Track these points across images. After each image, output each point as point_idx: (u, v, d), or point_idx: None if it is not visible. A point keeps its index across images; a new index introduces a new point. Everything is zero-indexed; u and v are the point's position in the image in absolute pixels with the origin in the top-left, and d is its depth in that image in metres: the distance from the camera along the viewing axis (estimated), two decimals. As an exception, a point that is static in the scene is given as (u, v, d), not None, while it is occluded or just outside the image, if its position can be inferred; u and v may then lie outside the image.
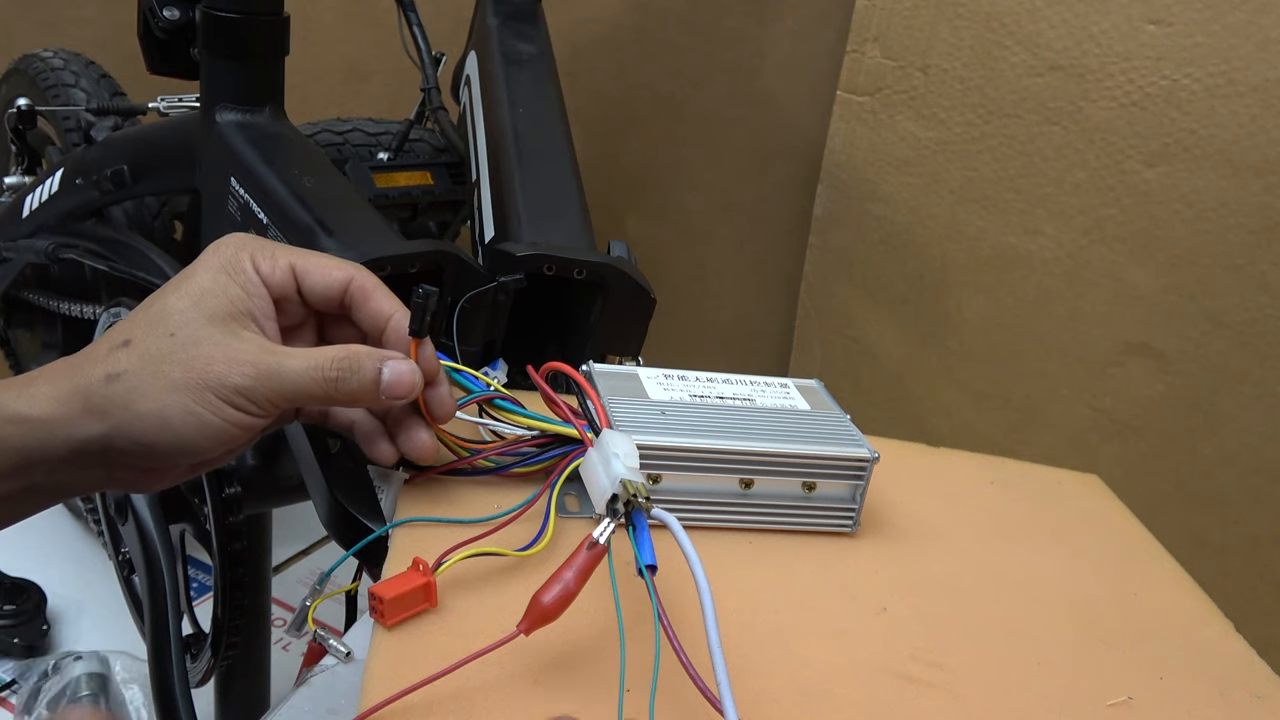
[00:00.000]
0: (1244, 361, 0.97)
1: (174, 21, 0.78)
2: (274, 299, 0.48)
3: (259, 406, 0.45)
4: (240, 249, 0.48)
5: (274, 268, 0.48)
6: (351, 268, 0.49)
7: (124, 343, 0.45)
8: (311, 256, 0.49)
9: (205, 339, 0.45)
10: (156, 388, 0.44)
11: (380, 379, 0.46)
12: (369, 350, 0.47)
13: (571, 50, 1.30)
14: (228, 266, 0.47)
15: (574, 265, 0.62)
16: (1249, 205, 0.94)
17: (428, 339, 0.48)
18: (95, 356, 0.45)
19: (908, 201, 1.13)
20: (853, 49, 1.12)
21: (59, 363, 0.45)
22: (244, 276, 0.47)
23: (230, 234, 0.49)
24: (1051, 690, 0.47)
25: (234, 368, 0.44)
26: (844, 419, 0.56)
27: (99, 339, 0.47)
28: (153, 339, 0.45)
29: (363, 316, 0.49)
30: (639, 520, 0.41)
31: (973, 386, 1.14)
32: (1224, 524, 1.02)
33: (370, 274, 0.49)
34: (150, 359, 0.44)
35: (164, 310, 0.46)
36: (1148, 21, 0.95)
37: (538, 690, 0.41)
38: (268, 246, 0.48)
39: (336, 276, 0.49)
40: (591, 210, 0.76)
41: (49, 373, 0.45)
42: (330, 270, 0.49)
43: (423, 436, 0.49)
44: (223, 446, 0.46)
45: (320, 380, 0.45)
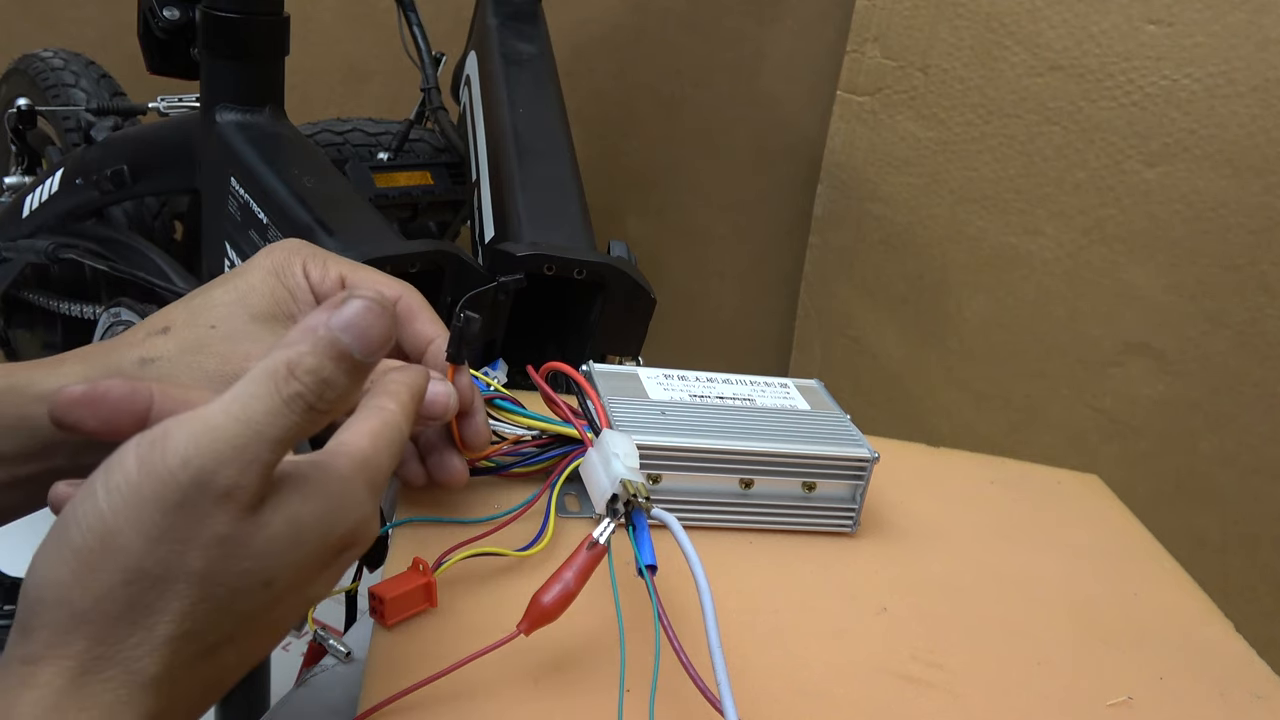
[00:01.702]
0: (1244, 361, 0.97)
1: (174, 21, 0.78)
2: (318, 302, 0.47)
3: None
4: (293, 253, 0.47)
5: (324, 276, 0.47)
6: (401, 287, 0.48)
7: (162, 330, 0.44)
8: (363, 270, 0.48)
9: (245, 335, 0.44)
10: (190, 377, 0.43)
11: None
12: (405, 367, 0.46)
13: (571, 50, 1.30)
14: (278, 269, 0.46)
15: (574, 265, 0.62)
16: (1249, 205, 0.94)
17: (465, 365, 0.47)
18: (132, 341, 0.44)
19: (908, 201, 1.13)
20: (853, 49, 1.12)
21: (93, 346, 0.45)
22: (293, 280, 0.46)
23: (286, 239, 0.48)
24: (1051, 690, 0.47)
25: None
26: (844, 419, 0.56)
27: (137, 325, 0.46)
28: (192, 329, 0.44)
29: (405, 337, 0.49)
30: (639, 520, 0.41)
31: (973, 386, 1.14)
32: (1224, 524, 1.02)
33: (418, 295, 0.49)
34: (187, 348, 0.44)
35: (207, 302, 0.45)
36: (1148, 21, 0.95)
37: (538, 690, 0.40)
38: (320, 254, 0.48)
39: (385, 294, 0.46)
40: (591, 210, 0.76)
41: (82, 353, 0.44)
42: (379, 287, 0.48)
43: (455, 463, 0.48)
44: None
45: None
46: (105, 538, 0.31)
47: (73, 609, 0.31)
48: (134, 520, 0.31)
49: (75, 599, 0.31)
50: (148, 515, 0.31)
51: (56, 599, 0.31)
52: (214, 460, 0.31)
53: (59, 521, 0.32)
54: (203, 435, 0.31)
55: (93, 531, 0.31)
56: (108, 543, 0.31)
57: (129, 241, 0.96)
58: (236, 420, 0.32)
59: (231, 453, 0.31)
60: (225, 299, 0.45)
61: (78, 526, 0.31)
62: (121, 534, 0.31)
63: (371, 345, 0.34)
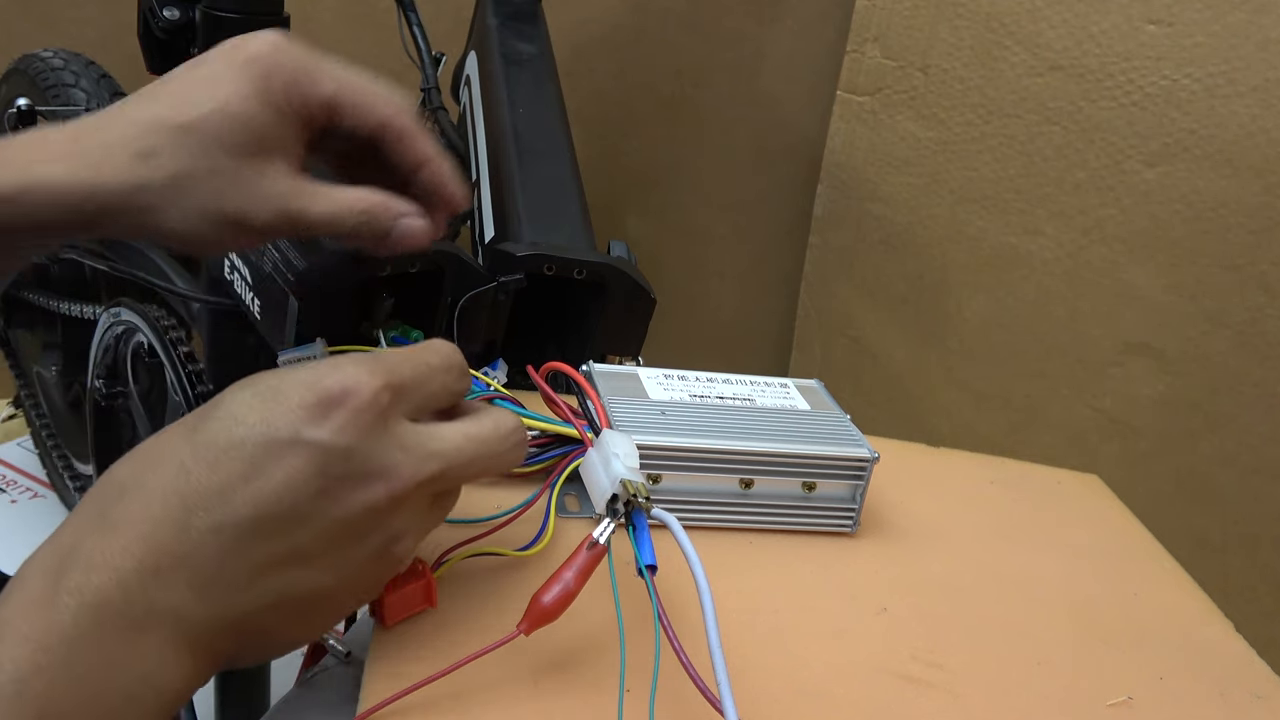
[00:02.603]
0: (1244, 361, 0.97)
1: (174, 21, 0.78)
2: (308, 127, 0.46)
3: (281, 234, 0.47)
4: (275, 69, 0.44)
5: (307, 100, 0.45)
6: (388, 107, 0.47)
7: (149, 153, 0.43)
8: (349, 90, 0.46)
9: (233, 173, 0.44)
10: (184, 210, 0.44)
11: (390, 235, 0.46)
12: (386, 204, 0.46)
13: (571, 50, 1.30)
14: (260, 91, 0.44)
15: (574, 265, 0.62)
16: (1249, 205, 0.94)
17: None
18: (118, 158, 0.43)
19: (908, 201, 1.13)
20: (853, 49, 1.12)
21: (70, 149, 0.43)
22: (276, 105, 0.44)
23: (263, 36, 0.45)
24: (1051, 690, 0.47)
25: (260, 209, 0.44)
26: (844, 419, 0.56)
27: (107, 126, 0.44)
28: (179, 159, 0.43)
29: (400, 157, 0.48)
30: (639, 520, 0.41)
31: (973, 386, 1.14)
32: (1224, 524, 1.02)
33: (409, 114, 0.48)
34: (176, 182, 0.43)
35: (191, 130, 0.43)
36: (1148, 21, 0.95)
37: (538, 690, 0.41)
38: (307, 69, 0.45)
39: (371, 118, 0.46)
40: (591, 210, 0.76)
41: (66, 159, 0.43)
42: (363, 113, 0.46)
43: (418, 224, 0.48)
44: (249, 247, 0.50)
45: (339, 230, 0.46)
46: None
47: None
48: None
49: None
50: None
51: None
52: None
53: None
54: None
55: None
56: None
57: (129, 241, 0.96)
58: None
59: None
60: (209, 128, 0.43)
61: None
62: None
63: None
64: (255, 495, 0.34)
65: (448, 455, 0.38)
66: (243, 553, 0.34)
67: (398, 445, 0.36)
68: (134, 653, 0.33)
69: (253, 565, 0.35)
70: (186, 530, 0.34)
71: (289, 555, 0.35)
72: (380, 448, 0.36)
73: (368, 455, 0.35)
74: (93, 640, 0.32)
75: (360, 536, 0.36)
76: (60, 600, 0.32)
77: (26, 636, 0.32)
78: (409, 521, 0.38)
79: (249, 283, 0.71)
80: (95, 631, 0.32)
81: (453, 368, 0.40)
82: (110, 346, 0.96)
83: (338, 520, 0.35)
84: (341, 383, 0.35)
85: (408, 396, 0.37)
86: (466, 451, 0.38)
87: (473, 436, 0.39)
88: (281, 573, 0.35)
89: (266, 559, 0.35)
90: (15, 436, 1.50)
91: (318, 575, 0.36)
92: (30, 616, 0.32)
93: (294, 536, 0.35)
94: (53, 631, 0.32)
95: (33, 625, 0.32)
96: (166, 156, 0.43)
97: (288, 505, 0.34)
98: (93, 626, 0.32)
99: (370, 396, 0.35)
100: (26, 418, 1.36)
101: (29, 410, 1.34)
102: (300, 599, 0.36)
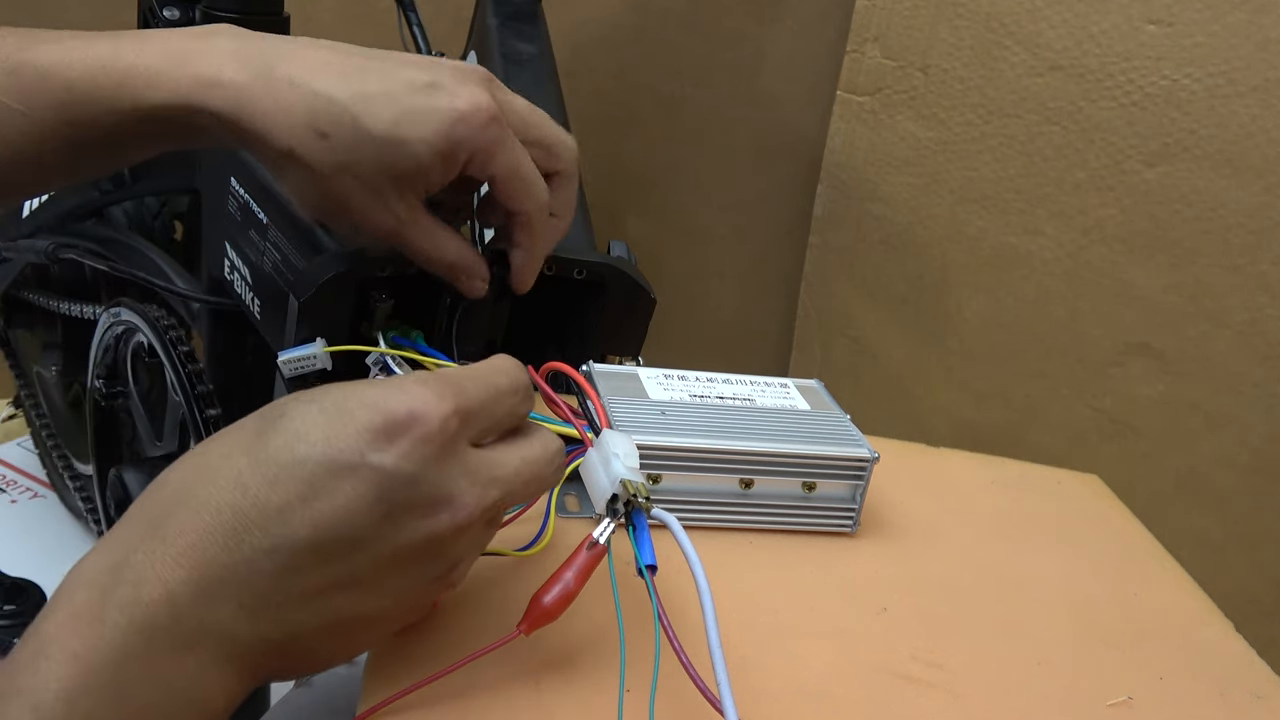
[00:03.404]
0: (1244, 361, 0.97)
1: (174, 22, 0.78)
2: (457, 185, 0.50)
3: (371, 238, 0.51)
4: (471, 143, 0.47)
5: (479, 172, 0.49)
6: (534, 205, 0.52)
7: (322, 134, 0.46)
8: (513, 179, 0.50)
9: (376, 190, 0.47)
10: (317, 189, 0.48)
11: (458, 284, 0.53)
12: (470, 270, 0.53)
13: (571, 50, 1.30)
14: (448, 152, 0.47)
15: (574, 265, 0.62)
16: (1249, 205, 0.94)
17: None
18: (294, 120, 0.46)
19: (908, 201, 1.13)
20: (853, 49, 1.12)
21: (255, 81, 0.46)
22: (452, 166, 0.48)
23: (480, 102, 0.47)
24: (1051, 690, 0.47)
25: (378, 225, 0.49)
26: (844, 419, 0.56)
27: (299, 87, 0.46)
28: (341, 154, 0.46)
29: (515, 239, 0.54)
30: (639, 520, 0.41)
31: (973, 386, 1.14)
32: (1224, 524, 1.02)
33: (542, 215, 0.53)
34: (327, 169, 0.46)
35: (367, 140, 0.46)
36: (1148, 21, 0.95)
37: (538, 690, 0.41)
38: (493, 150, 0.48)
39: (511, 208, 0.51)
40: (591, 210, 0.76)
41: (243, 97, 0.46)
42: (511, 202, 0.51)
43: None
44: (338, 231, 0.53)
45: (425, 265, 0.52)
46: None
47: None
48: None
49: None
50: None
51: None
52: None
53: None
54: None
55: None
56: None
57: (129, 241, 0.96)
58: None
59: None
60: (383, 151, 0.46)
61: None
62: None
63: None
64: (314, 517, 0.33)
65: (509, 481, 0.37)
66: (297, 574, 0.33)
67: (462, 473, 0.36)
68: (180, 670, 0.32)
69: (306, 587, 0.34)
70: (240, 547, 0.33)
71: (345, 579, 0.34)
72: (445, 476, 0.35)
73: (433, 483, 0.35)
74: (141, 659, 0.32)
75: (419, 563, 0.36)
76: (109, 616, 0.32)
77: (75, 654, 0.31)
78: (468, 548, 0.38)
79: (249, 283, 0.71)
80: (144, 650, 0.32)
81: (518, 390, 0.39)
82: (110, 346, 0.96)
83: (398, 547, 0.35)
84: (409, 406, 0.34)
85: (474, 422, 0.37)
86: (523, 475, 0.38)
87: (529, 460, 0.38)
88: (335, 595, 0.34)
89: (321, 582, 0.34)
90: (15, 436, 1.50)
91: (372, 599, 0.35)
92: (79, 632, 0.31)
93: (351, 561, 0.34)
94: (101, 650, 0.31)
95: (82, 642, 0.31)
96: (336, 145, 0.46)
97: (347, 530, 0.33)
98: (141, 645, 0.32)
99: (439, 424, 0.34)
100: (26, 418, 1.36)
101: (29, 410, 1.34)
102: (351, 621, 0.36)
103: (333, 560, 0.34)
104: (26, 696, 0.30)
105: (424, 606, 0.39)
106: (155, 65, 0.46)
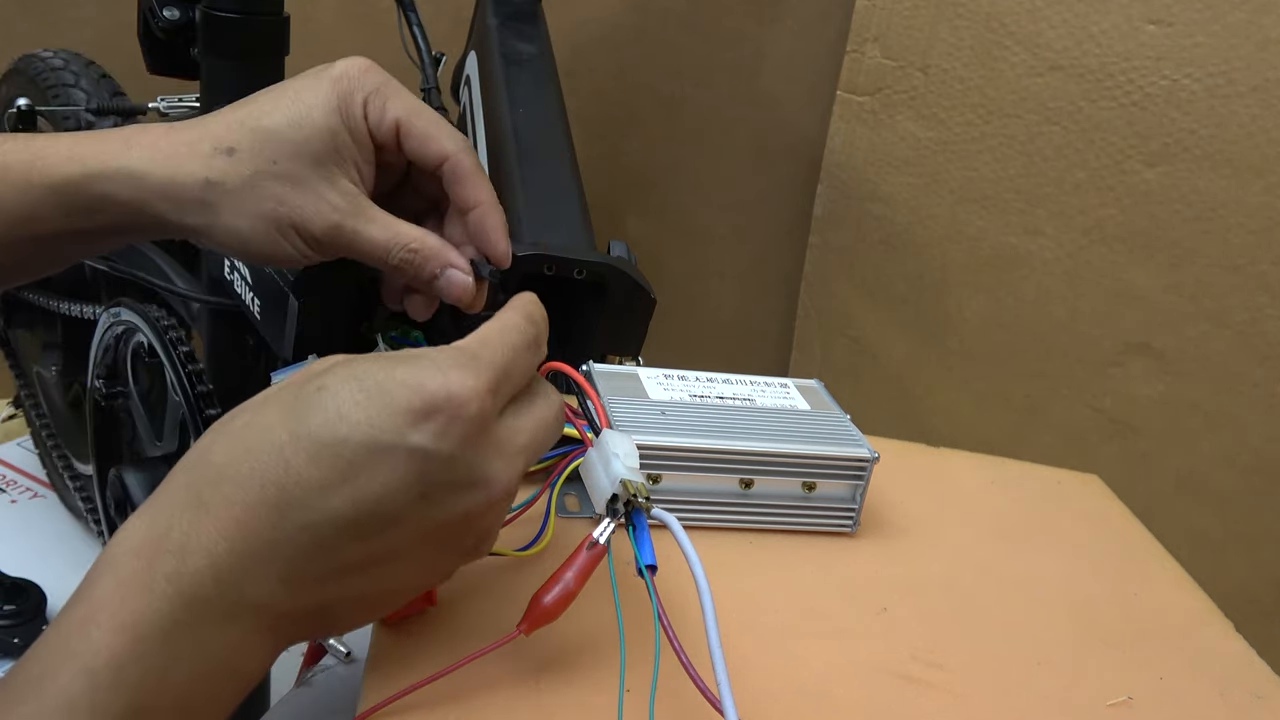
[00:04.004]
0: (1244, 361, 0.97)
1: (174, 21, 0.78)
2: (376, 147, 0.49)
3: (327, 251, 0.49)
4: (358, 88, 0.47)
5: (381, 119, 0.48)
6: (452, 145, 0.49)
7: (228, 150, 0.46)
8: (419, 120, 0.49)
9: (303, 180, 0.47)
10: (246, 209, 0.46)
11: (434, 281, 0.49)
12: (437, 251, 0.48)
13: (571, 50, 1.30)
14: (342, 105, 0.47)
15: (574, 265, 0.62)
16: (1249, 205, 0.94)
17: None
18: (199, 150, 0.47)
19: (908, 201, 1.13)
20: (853, 49, 1.12)
21: (163, 136, 0.47)
22: (354, 121, 0.47)
23: (355, 60, 0.48)
24: (1051, 690, 0.47)
25: (319, 219, 0.47)
26: (844, 419, 0.56)
27: (206, 125, 0.47)
28: (254, 160, 0.46)
29: (454, 194, 0.50)
30: (639, 520, 0.41)
31: (973, 386, 1.14)
32: (1224, 524, 1.02)
33: (470, 155, 0.50)
34: (247, 180, 0.46)
35: (272, 134, 0.47)
36: (1148, 21, 0.95)
37: (538, 690, 0.41)
38: (383, 91, 0.48)
39: (434, 150, 0.49)
40: (591, 210, 0.75)
41: (150, 145, 0.47)
42: (429, 143, 0.48)
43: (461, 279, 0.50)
44: (289, 264, 0.49)
45: (383, 259, 0.48)
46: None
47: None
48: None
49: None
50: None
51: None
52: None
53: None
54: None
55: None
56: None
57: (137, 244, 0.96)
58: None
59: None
60: (290, 135, 0.46)
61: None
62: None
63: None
64: (354, 496, 0.34)
65: (530, 450, 0.39)
66: (336, 550, 0.35)
67: (495, 451, 0.37)
68: (223, 640, 0.34)
69: (344, 562, 0.35)
70: (283, 523, 0.34)
71: (380, 555, 0.35)
72: (479, 456, 0.36)
73: (468, 463, 0.36)
74: (188, 629, 0.33)
75: (453, 539, 0.37)
76: (157, 586, 0.33)
77: (124, 623, 0.32)
78: (496, 520, 0.39)
79: (249, 283, 0.71)
80: (190, 620, 0.33)
81: (529, 344, 0.40)
82: (110, 346, 0.96)
83: (433, 524, 0.36)
84: (447, 388, 0.35)
85: (502, 393, 0.38)
86: (539, 439, 0.39)
87: (543, 423, 0.40)
88: (370, 569, 0.36)
89: (358, 557, 0.35)
90: (15, 436, 1.50)
91: (404, 572, 0.37)
92: (127, 601, 0.32)
93: (388, 538, 0.35)
94: (149, 618, 0.32)
95: (130, 611, 0.32)
96: (245, 154, 0.46)
97: (386, 508, 0.34)
98: (188, 615, 0.33)
99: (476, 405, 0.35)
100: (26, 418, 1.36)
101: (29, 410, 1.34)
102: (382, 591, 0.37)
103: (370, 537, 0.35)
104: (80, 660, 0.31)
105: (449, 575, 0.40)
106: (66, 149, 0.48)
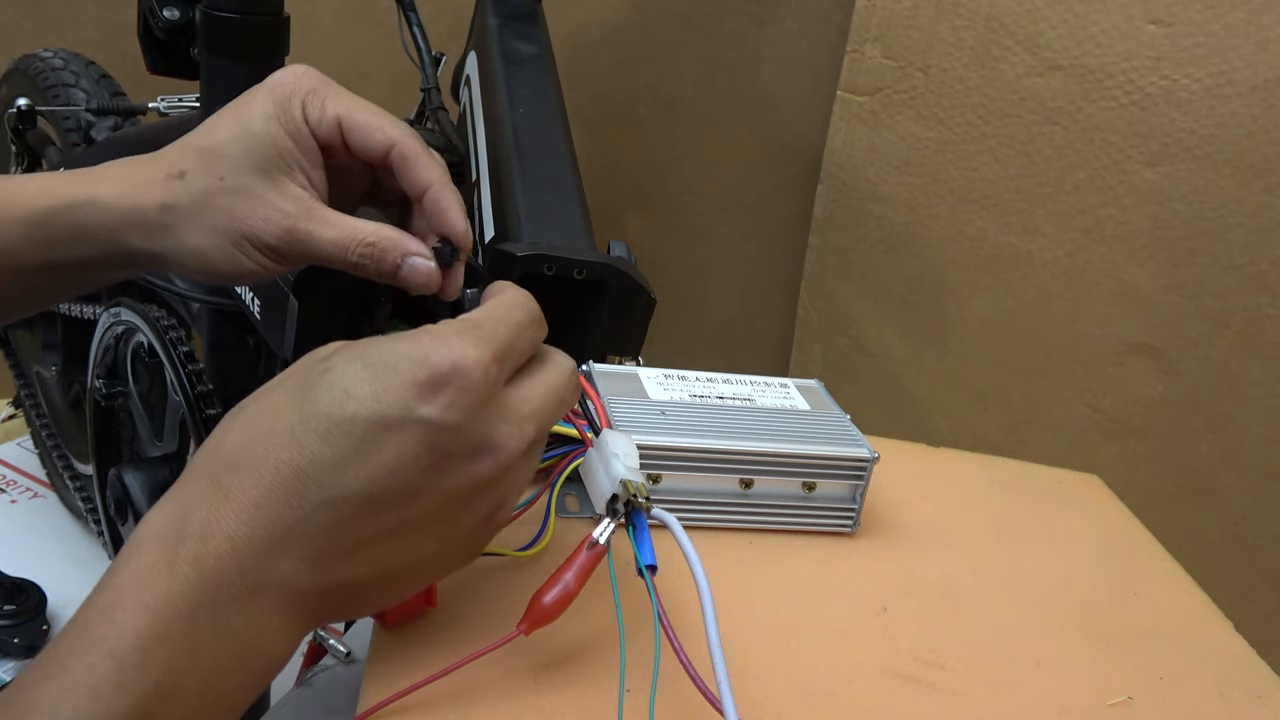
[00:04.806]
0: (1244, 361, 0.97)
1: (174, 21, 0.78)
2: (321, 147, 0.49)
3: (288, 260, 0.49)
4: (295, 92, 0.48)
5: (321, 118, 0.48)
6: (396, 132, 0.49)
7: (179, 174, 0.48)
8: (360, 113, 0.49)
9: (250, 191, 0.47)
10: (202, 227, 0.47)
11: (398, 272, 0.48)
12: (395, 241, 0.48)
13: (571, 50, 1.30)
14: (280, 110, 0.48)
15: (574, 265, 0.62)
16: (1249, 205, 0.94)
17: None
18: (155, 179, 0.48)
19: (908, 201, 1.13)
20: (853, 49, 1.12)
21: (126, 169, 0.49)
22: (293, 125, 0.48)
23: (292, 67, 0.49)
24: (1051, 690, 0.47)
25: (270, 226, 0.47)
26: (844, 419, 0.56)
27: (161, 154, 0.49)
28: (203, 178, 0.47)
29: (404, 182, 0.50)
30: (639, 520, 0.41)
31: (973, 386, 1.14)
32: (1224, 524, 1.02)
33: (415, 139, 0.49)
34: (198, 199, 0.47)
35: (217, 151, 0.47)
36: (1148, 21, 0.95)
37: (538, 690, 0.41)
38: (320, 92, 0.49)
39: (379, 140, 0.49)
40: (591, 210, 0.75)
41: (117, 178, 0.49)
42: (373, 133, 0.49)
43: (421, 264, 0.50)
44: (255, 279, 0.50)
45: (343, 259, 0.48)
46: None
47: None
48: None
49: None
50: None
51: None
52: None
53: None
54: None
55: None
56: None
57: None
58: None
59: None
60: (233, 149, 0.47)
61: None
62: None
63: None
64: (368, 471, 0.35)
65: (541, 415, 0.39)
66: (354, 525, 0.35)
67: (501, 417, 0.37)
68: (246, 621, 0.34)
69: (362, 537, 0.36)
70: (300, 503, 0.35)
71: (398, 527, 0.36)
72: (486, 423, 0.37)
73: (476, 430, 0.36)
74: (210, 611, 0.33)
75: (468, 507, 0.38)
76: (179, 570, 0.33)
77: (148, 605, 0.33)
78: (512, 487, 0.39)
79: (249, 283, 0.71)
80: (212, 603, 0.33)
81: (533, 319, 0.41)
82: (110, 346, 0.96)
83: (447, 493, 0.37)
84: (450, 359, 0.36)
85: (508, 363, 0.38)
86: (550, 406, 0.40)
87: (552, 389, 0.40)
88: (388, 543, 0.36)
89: (376, 531, 0.36)
90: (15, 436, 1.50)
91: (424, 544, 0.37)
92: (151, 585, 0.33)
93: (404, 510, 0.36)
94: (173, 602, 0.33)
95: (153, 594, 0.33)
96: (194, 175, 0.47)
97: (399, 481, 0.35)
98: (210, 598, 0.33)
99: (481, 373, 0.36)
100: (26, 418, 1.36)
101: (29, 410, 1.34)
102: (403, 567, 0.37)
103: (386, 511, 0.35)
104: (105, 644, 0.32)
105: (475, 550, 0.40)
106: (39, 185, 0.49)
